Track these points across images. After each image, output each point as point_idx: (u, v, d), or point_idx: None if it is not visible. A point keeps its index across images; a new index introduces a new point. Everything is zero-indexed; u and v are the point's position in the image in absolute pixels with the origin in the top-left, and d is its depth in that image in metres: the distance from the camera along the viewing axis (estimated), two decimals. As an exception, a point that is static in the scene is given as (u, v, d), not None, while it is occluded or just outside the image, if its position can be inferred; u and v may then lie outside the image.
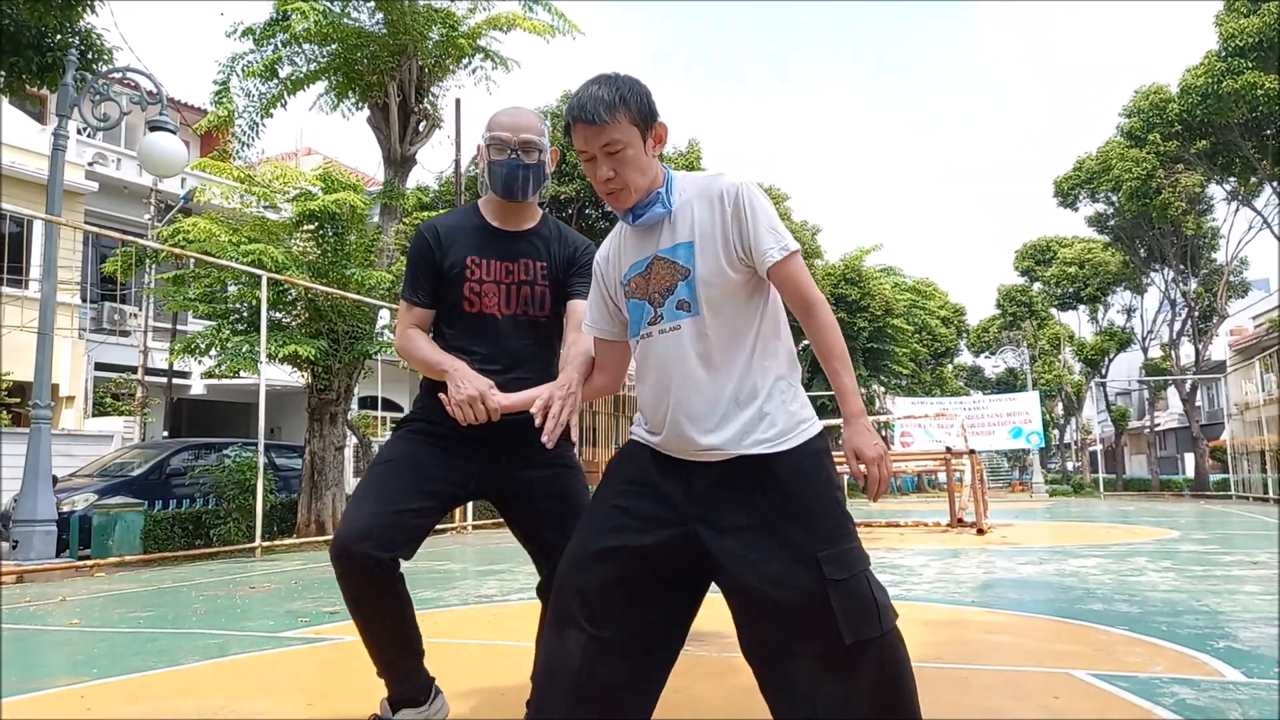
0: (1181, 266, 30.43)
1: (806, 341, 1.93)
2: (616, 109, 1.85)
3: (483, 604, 5.73)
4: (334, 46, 12.63)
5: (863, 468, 1.84)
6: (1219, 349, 34.59)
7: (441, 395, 2.21)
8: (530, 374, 2.32)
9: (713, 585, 1.95)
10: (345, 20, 12.43)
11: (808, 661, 1.73)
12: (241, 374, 11.09)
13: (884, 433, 32.17)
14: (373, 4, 12.58)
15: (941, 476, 12.82)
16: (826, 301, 1.93)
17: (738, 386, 1.87)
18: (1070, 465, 47.14)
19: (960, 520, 12.54)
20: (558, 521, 2.34)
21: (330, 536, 11.63)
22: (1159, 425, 42.42)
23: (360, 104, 13.41)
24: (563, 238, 2.49)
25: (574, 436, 2.25)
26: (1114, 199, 29.27)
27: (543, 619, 2.35)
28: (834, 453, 2.15)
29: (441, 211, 2.93)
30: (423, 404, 2.43)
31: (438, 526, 12.46)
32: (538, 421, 2.01)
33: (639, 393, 2.01)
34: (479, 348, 2.34)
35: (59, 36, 8.95)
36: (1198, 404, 32.64)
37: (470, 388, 2.17)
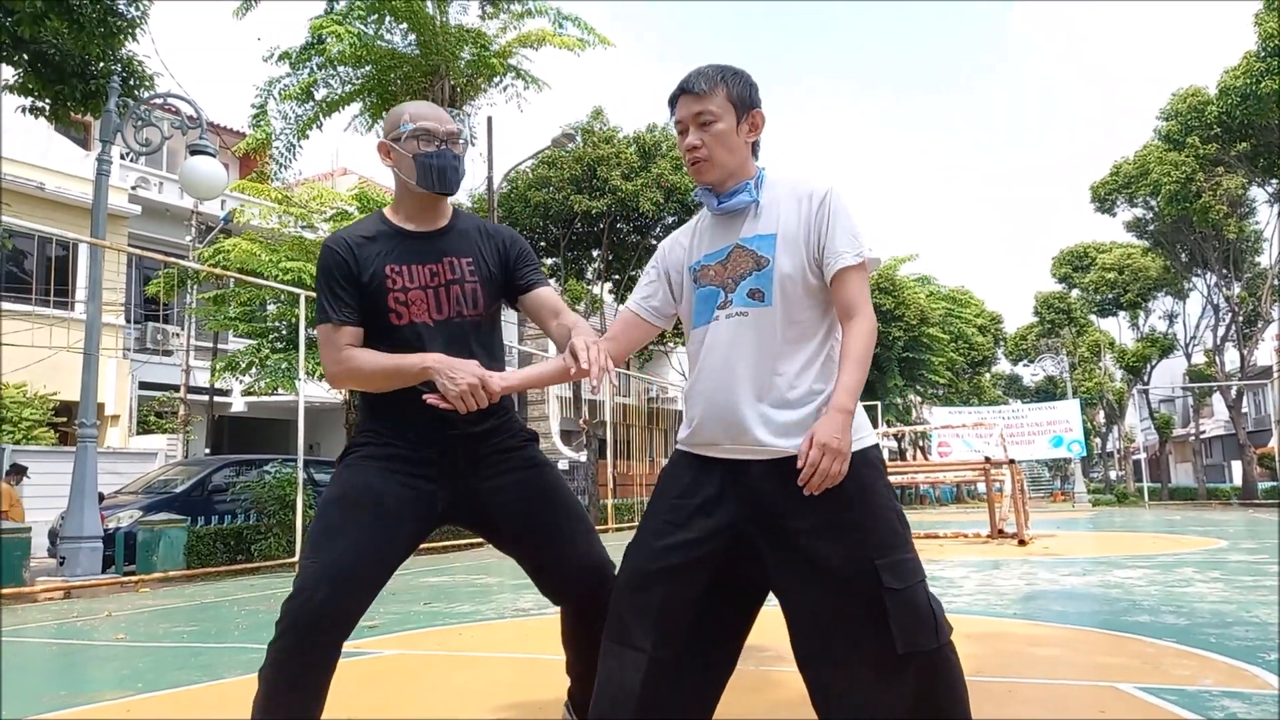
0: (1224, 271, 29.86)
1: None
2: (717, 83, 1.93)
3: (519, 618, 5.74)
4: (368, 68, 12.84)
5: (810, 451, 1.74)
6: (1265, 354, 33.82)
7: (429, 398, 1.98)
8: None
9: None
10: (379, 42, 12.63)
11: (860, 669, 1.72)
12: (280, 391, 11.24)
13: (922, 443, 31.86)
14: (405, 26, 12.77)
15: (981, 487, 12.65)
16: (872, 319, 1.89)
17: (798, 385, 1.87)
18: (1113, 474, 46.31)
19: (1001, 531, 12.35)
20: (544, 528, 2.17)
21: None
22: (1204, 433, 41.58)
23: (394, 124, 13.59)
24: (483, 230, 2.30)
25: (613, 380, 1.92)
26: (1153, 203, 28.82)
27: (564, 626, 2.30)
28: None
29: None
30: (367, 427, 2.18)
31: (472, 540, 12.51)
32: (577, 363, 1.91)
33: (692, 386, 1.98)
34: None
35: (102, 64, 9.17)
36: (1244, 410, 31.94)
37: (468, 375, 1.97)
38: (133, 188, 20.36)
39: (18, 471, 11.34)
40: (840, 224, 1.89)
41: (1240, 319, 29.91)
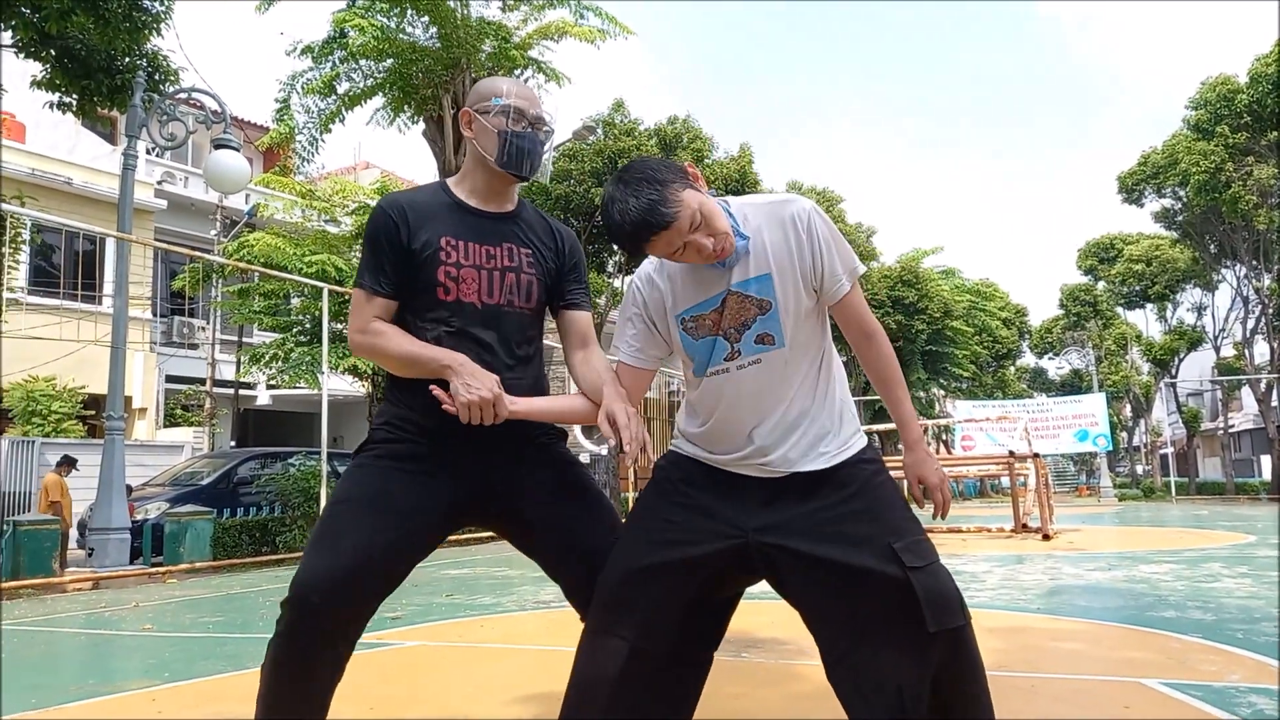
0: (1254, 262, 29.42)
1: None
2: (668, 195, 1.73)
3: (541, 609, 5.76)
4: (390, 61, 12.88)
5: (925, 494, 1.91)
6: (1296, 346, 33.35)
7: (435, 390, 1.88)
8: (523, 376, 2.03)
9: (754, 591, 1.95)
10: (400, 35, 12.67)
11: (892, 655, 1.71)
12: (303, 384, 11.34)
13: (945, 436, 31.64)
14: (427, 19, 12.80)
15: (1005, 481, 12.55)
16: (884, 332, 1.95)
17: (815, 408, 1.89)
18: (1140, 469, 45.81)
19: (1025, 526, 12.26)
20: (582, 530, 2.02)
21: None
22: (1233, 427, 41.01)
23: (416, 117, 13.65)
24: (548, 226, 2.18)
25: (650, 453, 1.87)
26: (1181, 194, 28.43)
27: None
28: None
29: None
30: (387, 418, 2.03)
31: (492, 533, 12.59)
32: (606, 436, 1.85)
33: (700, 415, 1.94)
34: (455, 341, 1.97)
35: (127, 59, 9.27)
36: (1274, 404, 31.46)
37: (484, 387, 1.85)
38: (158, 182, 20.57)
39: (68, 463, 11.53)
40: (833, 248, 1.84)
41: (1270, 311, 29.46)
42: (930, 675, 1.69)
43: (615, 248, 21.94)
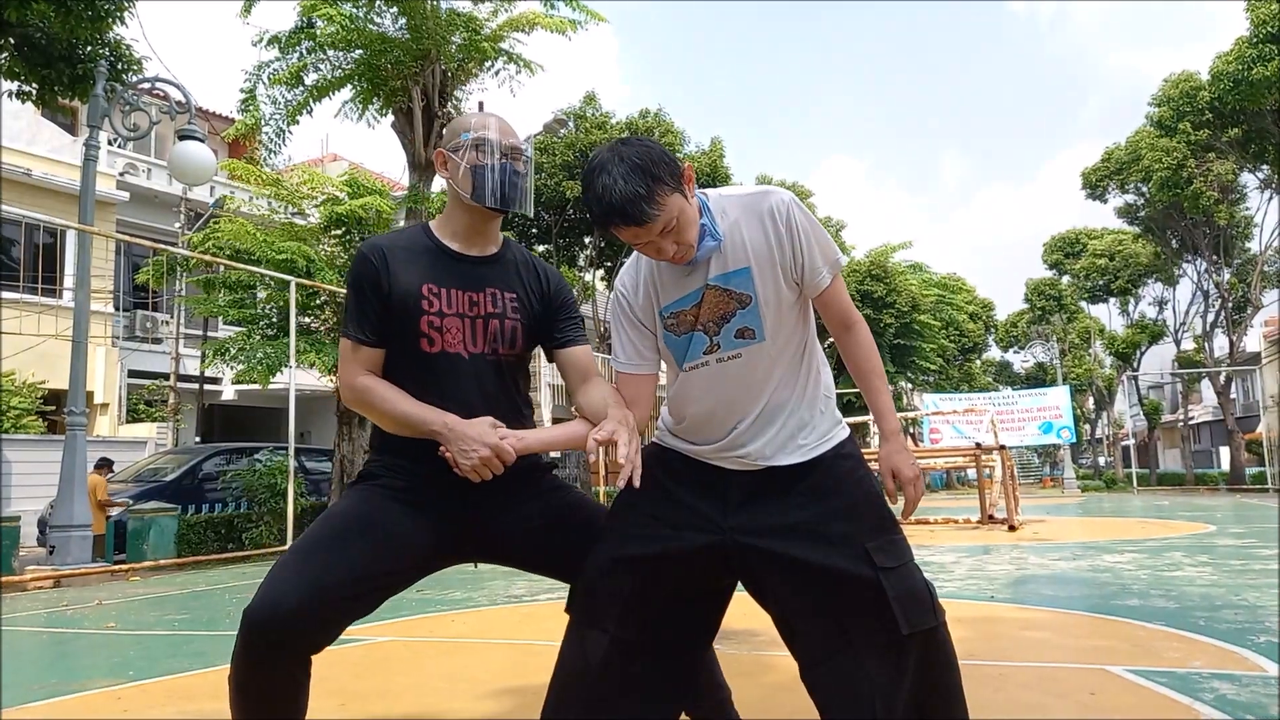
0: (1214, 257, 29.93)
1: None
2: (656, 194, 1.68)
3: (512, 604, 5.75)
4: (358, 52, 12.72)
5: (897, 486, 1.88)
6: (1253, 340, 34.00)
7: (444, 453, 1.86)
8: (512, 422, 1.97)
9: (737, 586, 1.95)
10: (369, 26, 12.52)
11: (867, 657, 1.72)
12: (274, 379, 11.18)
13: (912, 429, 31.93)
14: (395, 9, 12.66)
15: (971, 473, 12.69)
16: (864, 323, 1.94)
17: (794, 400, 1.89)
18: (1102, 460, 46.54)
19: (991, 517, 12.41)
20: (572, 550, 1.99)
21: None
22: (1193, 419, 41.77)
23: (385, 109, 13.50)
24: (533, 267, 2.12)
25: (636, 480, 1.79)
26: (1144, 190, 28.85)
27: None
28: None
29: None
30: (381, 457, 2.01)
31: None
32: (593, 458, 1.86)
33: (680, 408, 1.94)
34: (442, 394, 1.93)
35: (89, 48, 9.08)
36: (1233, 396, 32.11)
37: (479, 448, 1.83)
38: (121, 174, 20.22)
39: (106, 464, 11.35)
40: (813, 240, 1.82)
41: (1230, 305, 30.01)
42: (907, 676, 1.70)
43: (587, 242, 21.91)
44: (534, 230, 21.49)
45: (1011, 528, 11.19)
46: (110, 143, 19.17)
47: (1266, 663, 3.38)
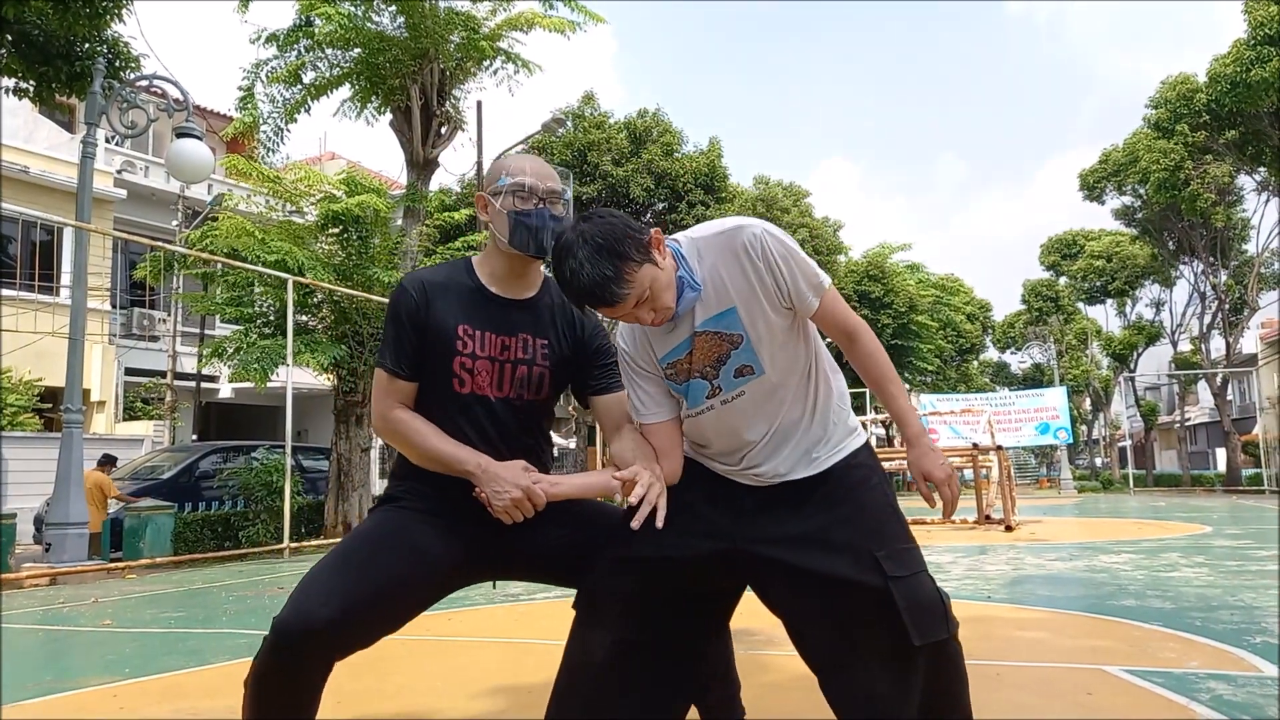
0: (1211, 259, 29.98)
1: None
2: (624, 273, 1.67)
3: (509, 603, 5.74)
4: (356, 51, 12.72)
5: (931, 488, 1.84)
6: (1250, 342, 34.06)
7: (480, 495, 1.91)
8: (532, 465, 2.02)
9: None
10: (367, 24, 12.51)
11: (877, 666, 1.71)
12: (258, 384, 11.16)
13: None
14: (394, 8, 12.66)
15: (968, 473, 12.71)
16: (865, 324, 1.89)
17: (807, 419, 1.87)
18: (1099, 461, 46.59)
19: (988, 517, 12.42)
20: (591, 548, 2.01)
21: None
22: (1189, 420, 41.83)
23: (383, 108, 13.50)
24: (568, 313, 2.12)
25: (659, 521, 1.83)
26: (1141, 191, 28.87)
27: None
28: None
29: (429, 264, 2.33)
30: (407, 482, 2.04)
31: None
32: (623, 499, 1.84)
33: (694, 438, 1.95)
34: (465, 433, 1.98)
35: (87, 45, 9.06)
36: (1229, 398, 32.13)
37: (511, 489, 1.88)
38: (118, 172, 20.20)
39: (110, 461, 11.34)
40: (793, 267, 1.77)
41: (1226, 306, 30.06)
42: (916, 687, 1.69)
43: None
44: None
45: (1008, 528, 11.20)
46: (108, 140, 19.14)
47: (1263, 663, 3.38)
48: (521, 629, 4.77)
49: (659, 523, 1.80)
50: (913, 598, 1.69)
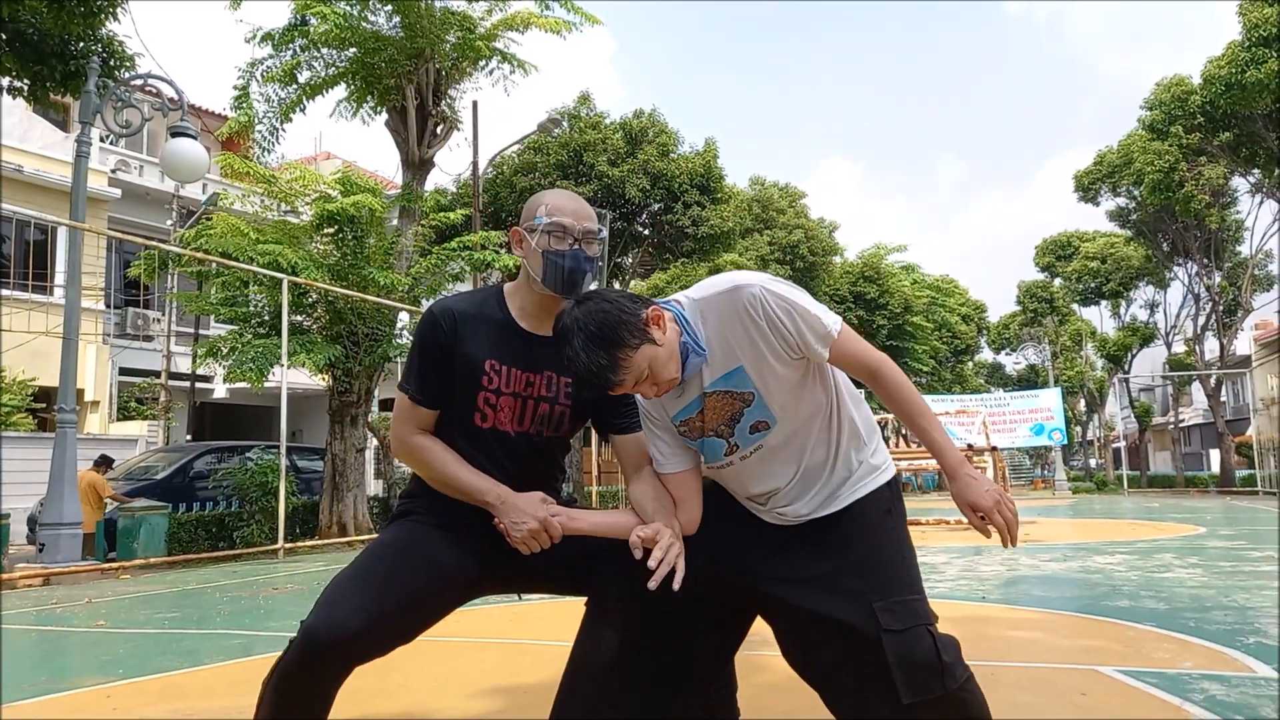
0: (1205, 260, 30.09)
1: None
2: (619, 361, 1.69)
3: (507, 604, 5.73)
4: (352, 50, 12.72)
5: (983, 518, 1.75)
6: (1244, 343, 34.18)
7: (499, 525, 1.95)
8: (550, 498, 2.04)
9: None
10: (363, 24, 12.51)
11: (872, 706, 1.69)
12: (250, 385, 11.14)
13: (905, 430, 31.78)
14: (390, 7, 12.65)
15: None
16: (888, 358, 1.81)
17: (831, 460, 1.86)
18: (1093, 462, 46.72)
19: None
20: (612, 566, 2.00)
21: (353, 538, 11.65)
22: (1183, 421, 41.97)
23: (378, 108, 13.49)
24: None
25: (677, 583, 1.83)
26: (1136, 193, 28.96)
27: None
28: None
29: (456, 293, 2.34)
30: (422, 504, 2.08)
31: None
32: (638, 554, 1.82)
33: (723, 484, 1.98)
34: (481, 463, 2.01)
35: (82, 44, 9.04)
36: (1223, 399, 32.24)
37: (529, 520, 1.91)
38: (113, 171, 20.13)
39: (106, 462, 11.32)
40: (797, 320, 1.73)
41: (1220, 308, 30.16)
42: None
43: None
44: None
45: (1003, 529, 11.21)
46: (102, 139, 19.07)
47: (1256, 664, 3.39)
48: (519, 630, 4.77)
49: (676, 585, 1.80)
50: (905, 654, 1.64)
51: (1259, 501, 19.76)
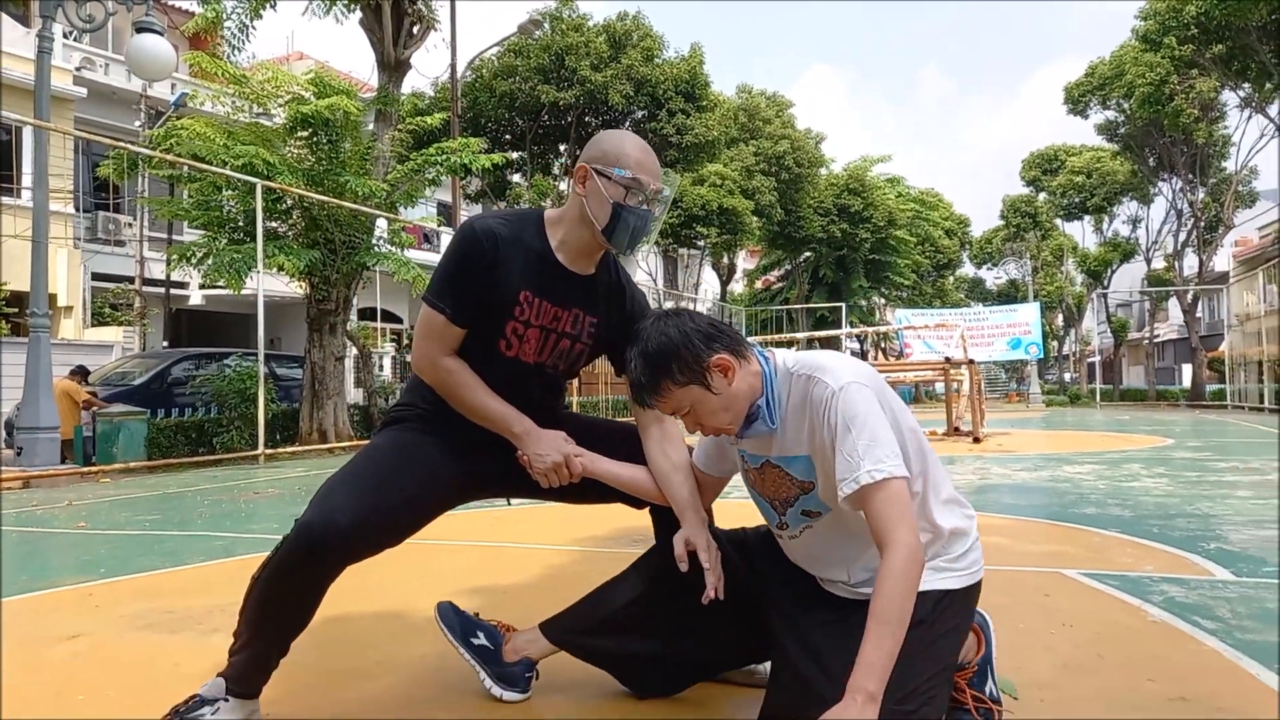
0: (1190, 176, 29.98)
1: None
2: (660, 388, 1.72)
3: (486, 508, 5.80)
4: (323, -58, 12.19)
5: None
6: (1223, 260, 34.36)
7: (523, 458, 2.00)
8: (537, 420, 2.05)
9: None
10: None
11: None
12: (224, 285, 10.98)
13: (884, 344, 32.11)
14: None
15: (939, 387, 12.83)
16: (910, 545, 1.55)
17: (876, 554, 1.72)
18: (1068, 376, 47.39)
19: (957, 429, 12.64)
20: (603, 453, 2.07)
21: (334, 444, 11.69)
22: (1158, 336, 42.46)
23: (352, 6, 13.01)
24: (621, 289, 2.11)
25: (714, 592, 1.94)
26: (1125, 106, 28.62)
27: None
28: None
29: (495, 210, 2.28)
30: (413, 400, 2.10)
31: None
32: (684, 567, 1.92)
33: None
34: (495, 389, 2.01)
35: (37, -69, 8.61)
36: (1198, 315, 32.56)
37: (554, 452, 1.97)
38: (77, 69, 19.48)
39: (82, 373, 11.22)
40: (841, 445, 1.62)
41: (1202, 225, 30.20)
42: None
43: (562, 149, 21.50)
44: (508, 136, 21.04)
45: (976, 440, 11.41)
46: (65, 35, 18.38)
47: (1215, 567, 3.49)
48: (498, 533, 4.83)
49: (720, 595, 1.93)
50: None
51: (1228, 415, 20.16)
